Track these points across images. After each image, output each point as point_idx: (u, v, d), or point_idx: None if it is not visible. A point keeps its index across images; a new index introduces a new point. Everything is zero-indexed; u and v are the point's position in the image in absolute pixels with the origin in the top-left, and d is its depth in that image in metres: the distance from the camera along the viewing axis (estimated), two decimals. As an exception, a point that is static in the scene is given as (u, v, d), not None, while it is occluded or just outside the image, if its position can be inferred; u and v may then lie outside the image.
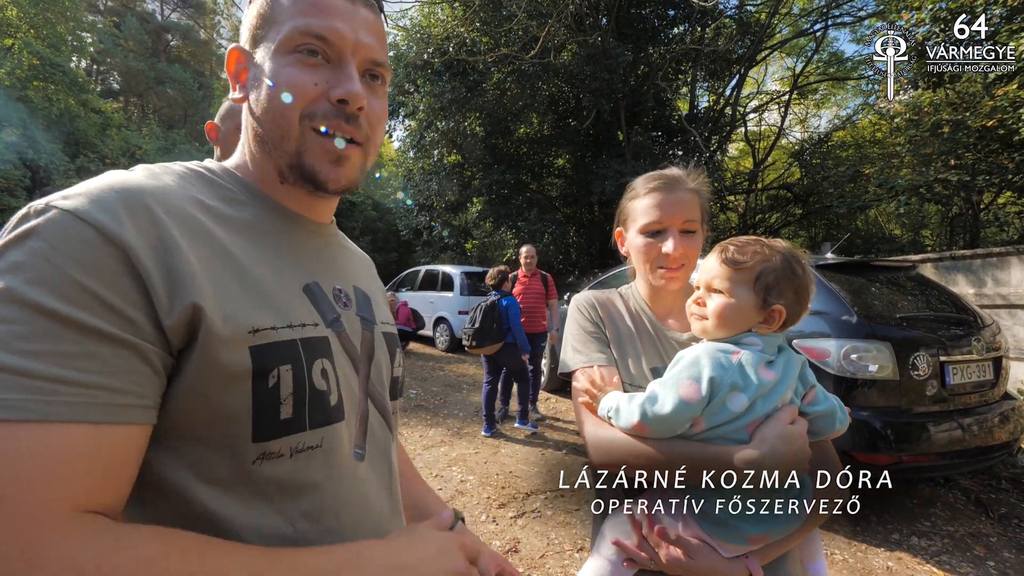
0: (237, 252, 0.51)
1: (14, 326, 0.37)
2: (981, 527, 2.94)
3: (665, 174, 0.99)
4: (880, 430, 2.61)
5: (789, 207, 14.25)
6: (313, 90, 0.54)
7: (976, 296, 5.33)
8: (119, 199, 0.43)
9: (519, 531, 2.89)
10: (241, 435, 0.47)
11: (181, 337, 0.43)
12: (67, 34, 15.60)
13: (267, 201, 0.59)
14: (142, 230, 0.43)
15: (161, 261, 0.43)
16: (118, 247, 0.41)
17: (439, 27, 11.30)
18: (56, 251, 0.39)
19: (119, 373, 0.40)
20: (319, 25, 0.53)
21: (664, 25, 12.06)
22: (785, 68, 17.41)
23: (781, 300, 0.79)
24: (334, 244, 0.68)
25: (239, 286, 0.48)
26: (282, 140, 0.55)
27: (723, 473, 0.75)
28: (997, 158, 6.48)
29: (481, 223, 13.70)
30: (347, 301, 0.63)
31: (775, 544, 0.81)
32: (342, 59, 0.55)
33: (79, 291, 0.39)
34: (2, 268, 0.38)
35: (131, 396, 0.40)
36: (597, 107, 10.62)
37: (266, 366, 0.47)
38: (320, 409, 0.52)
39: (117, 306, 0.40)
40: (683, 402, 0.75)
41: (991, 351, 3.05)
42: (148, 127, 19.55)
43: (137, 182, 0.47)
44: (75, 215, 0.41)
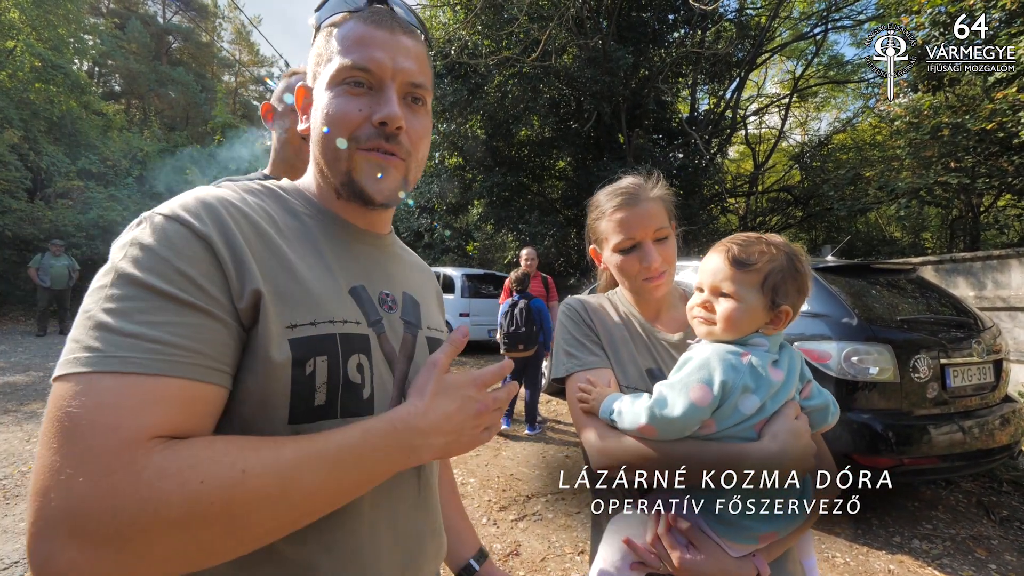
0: (291, 256, 0.58)
1: (134, 302, 0.47)
2: (983, 530, 2.94)
3: (624, 188, 0.98)
4: (881, 432, 2.61)
5: (789, 209, 14.27)
6: (358, 116, 0.62)
7: (976, 299, 5.33)
8: (201, 206, 0.54)
9: (520, 534, 2.89)
10: (279, 418, 0.53)
11: (249, 319, 0.52)
12: (69, 36, 15.63)
13: (328, 215, 0.67)
14: (218, 228, 0.53)
15: (232, 253, 0.52)
16: (204, 240, 0.51)
17: (441, 30, 11.33)
18: (161, 245, 0.50)
19: (209, 341, 0.49)
20: (361, 58, 0.61)
21: (664, 28, 12.09)
22: (785, 71, 17.47)
23: (788, 300, 0.79)
24: (389, 253, 0.75)
25: (286, 285, 0.56)
26: (336, 162, 0.64)
27: (732, 472, 0.74)
28: (997, 161, 6.50)
29: (482, 225, 13.73)
30: (392, 305, 0.69)
31: (779, 542, 0.81)
32: (383, 85, 0.63)
33: (178, 275, 0.49)
34: (124, 260, 0.49)
35: (215, 361, 0.49)
36: (598, 110, 10.65)
37: (303, 356, 0.54)
38: (352, 400, 0.58)
39: (206, 287, 0.50)
40: (694, 405, 0.74)
41: (991, 354, 3.06)
42: (150, 129, 19.58)
43: (215, 195, 0.57)
44: (172, 218, 0.52)
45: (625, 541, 0.83)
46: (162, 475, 0.42)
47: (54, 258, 9.65)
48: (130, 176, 15.72)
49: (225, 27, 30.91)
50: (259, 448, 0.47)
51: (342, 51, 0.62)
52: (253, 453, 0.47)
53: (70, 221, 12.52)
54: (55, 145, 13.98)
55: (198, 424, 0.49)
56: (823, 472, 0.86)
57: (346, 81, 0.62)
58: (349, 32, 0.63)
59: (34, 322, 10.16)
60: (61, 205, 12.99)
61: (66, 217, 12.56)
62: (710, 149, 11.66)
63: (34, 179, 12.95)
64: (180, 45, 27.72)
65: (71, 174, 13.73)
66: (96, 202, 13.36)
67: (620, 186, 0.99)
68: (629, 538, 0.83)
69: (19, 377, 6.17)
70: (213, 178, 1.32)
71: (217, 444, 0.47)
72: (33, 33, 13.90)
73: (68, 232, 12.11)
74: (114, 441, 0.42)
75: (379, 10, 0.66)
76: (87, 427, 0.42)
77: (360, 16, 0.64)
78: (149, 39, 23.47)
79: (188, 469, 0.43)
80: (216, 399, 0.50)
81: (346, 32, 0.63)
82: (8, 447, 3.91)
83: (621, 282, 1.02)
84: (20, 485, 3.28)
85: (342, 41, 0.63)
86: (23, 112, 13.04)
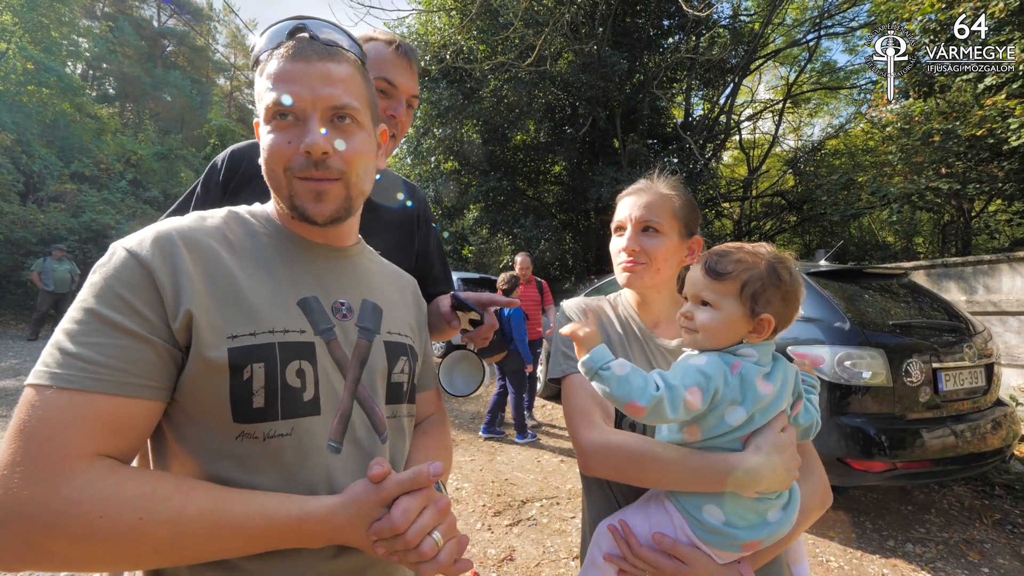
0: (239, 273, 0.65)
1: (78, 325, 0.55)
2: (975, 533, 2.96)
3: (642, 181, 1.02)
4: (874, 437, 2.62)
5: (783, 214, 14.36)
6: (288, 148, 0.66)
7: (967, 303, 5.37)
8: (153, 235, 0.62)
9: (515, 539, 2.88)
10: (224, 416, 0.60)
11: (184, 337, 0.59)
12: (62, 39, 15.55)
13: (285, 233, 0.74)
14: (162, 255, 0.60)
15: (172, 278, 0.59)
16: (146, 269, 0.58)
17: (436, 35, 11.36)
18: (111, 275, 0.58)
19: (134, 360, 0.56)
20: (280, 94, 0.66)
21: (659, 34, 12.18)
22: (779, 77, 17.63)
23: (769, 309, 0.77)
24: (351, 263, 0.79)
25: (230, 302, 0.62)
26: (279, 189, 0.70)
27: (716, 481, 0.74)
28: (987, 167, 6.56)
29: (478, 229, 13.72)
30: (347, 313, 0.73)
31: (765, 550, 0.81)
32: (305, 116, 0.67)
33: (120, 301, 0.57)
34: (86, 287, 0.58)
35: (139, 378, 0.56)
36: (593, 115, 10.70)
37: (241, 363, 0.59)
38: (293, 403, 0.63)
39: (143, 312, 0.57)
40: (686, 408, 0.74)
41: (983, 358, 3.08)
42: (144, 133, 19.49)
43: (174, 225, 0.64)
44: (126, 249, 0.60)
45: (606, 558, 0.84)
46: (72, 500, 0.49)
47: (57, 262, 9.65)
48: (124, 179, 15.62)
49: (220, 31, 30.88)
50: (170, 498, 0.53)
51: (269, 89, 0.67)
52: (161, 504, 0.53)
53: (63, 224, 12.42)
54: (48, 148, 13.87)
55: (128, 437, 0.56)
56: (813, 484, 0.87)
57: (274, 117, 0.67)
58: (271, 70, 0.67)
59: (27, 326, 10.06)
60: (54, 208, 12.89)
61: (59, 220, 12.46)
62: (704, 154, 11.73)
63: (26, 182, 12.85)
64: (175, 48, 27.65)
65: (64, 177, 13.63)
66: (89, 205, 13.26)
67: (644, 178, 1.04)
68: (609, 554, 0.84)
69: (9, 382, 6.11)
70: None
71: (132, 483, 0.53)
72: (26, 36, 13.82)
73: (60, 235, 12.01)
74: (45, 452, 0.50)
75: (299, 41, 0.69)
76: (28, 434, 0.50)
77: (280, 52, 0.68)
78: (143, 42, 23.38)
79: (97, 500, 0.50)
80: (146, 412, 0.57)
81: (269, 70, 0.67)
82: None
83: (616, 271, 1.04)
84: None
85: (268, 79, 0.67)
86: (16, 115, 12.94)
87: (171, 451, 0.62)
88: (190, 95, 23.29)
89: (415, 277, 1.41)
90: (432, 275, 1.43)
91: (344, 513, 0.59)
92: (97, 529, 0.49)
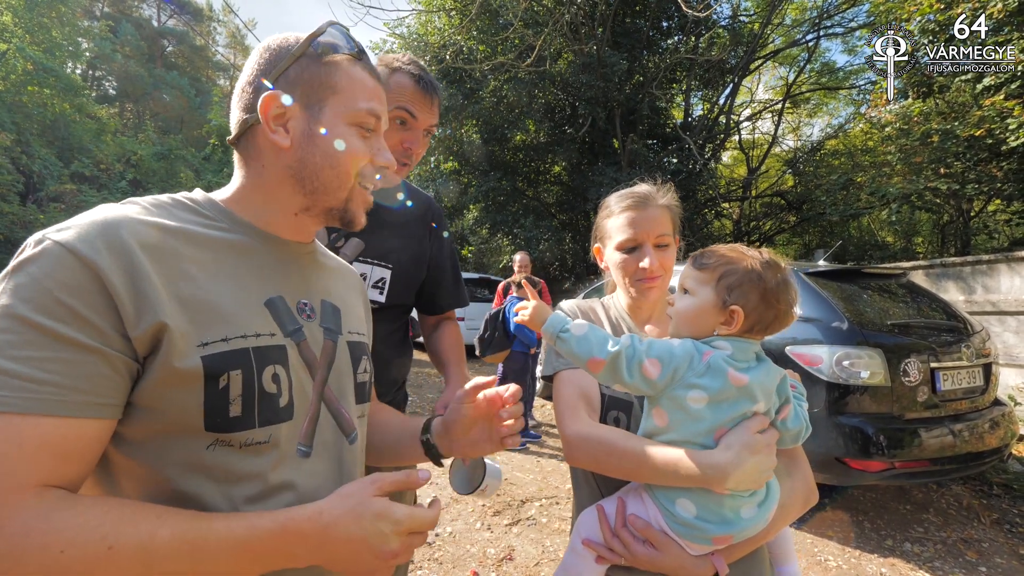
0: (200, 274, 0.59)
1: (7, 335, 0.47)
2: (973, 532, 2.96)
3: (636, 192, 1.03)
4: (872, 436, 2.63)
5: (783, 214, 14.36)
6: (366, 156, 0.69)
7: (966, 303, 5.38)
8: (99, 231, 0.53)
9: (514, 539, 2.88)
10: (195, 425, 0.55)
11: (146, 346, 0.53)
12: (62, 39, 15.55)
13: (247, 227, 0.68)
14: (115, 255, 0.52)
15: (131, 283, 0.52)
16: (92, 270, 0.50)
17: (436, 35, 11.37)
18: (45, 275, 0.49)
19: (85, 376, 0.49)
20: (378, 108, 0.70)
21: (659, 35, 12.20)
22: (778, 77, 17.64)
23: (741, 301, 0.79)
24: (309, 261, 0.75)
25: (196, 304, 0.57)
26: (337, 189, 0.68)
27: (686, 476, 0.77)
28: (986, 167, 6.58)
29: (478, 229, 13.73)
30: (311, 313, 0.71)
31: (740, 545, 0.83)
32: (379, 133, 0.72)
33: (60, 307, 0.48)
34: (6, 288, 0.49)
35: (92, 395, 0.49)
36: (593, 115, 10.70)
37: (217, 371, 0.55)
38: (270, 409, 0.60)
39: (89, 319, 0.49)
40: (643, 375, 0.78)
41: (981, 357, 3.09)
42: (144, 133, 19.50)
43: (119, 215, 0.56)
44: (62, 245, 0.50)
45: (584, 543, 0.87)
46: (26, 533, 0.44)
47: None
48: (123, 180, 15.63)
49: (220, 31, 30.89)
50: (137, 521, 0.48)
51: (361, 95, 0.67)
52: (129, 527, 0.47)
53: (62, 225, 12.40)
54: (48, 148, 13.89)
55: (77, 462, 0.50)
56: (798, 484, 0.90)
57: (363, 124, 0.68)
58: (359, 77, 0.68)
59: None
60: (54, 208, 12.90)
61: (58, 221, 12.35)
62: (704, 154, 11.74)
63: (26, 182, 12.86)
64: (175, 48, 27.65)
65: (64, 177, 13.64)
66: (89, 206, 13.08)
67: (633, 191, 1.04)
68: (588, 539, 0.87)
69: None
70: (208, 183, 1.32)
71: (93, 511, 0.47)
72: (26, 36, 13.83)
73: (60, 236, 11.99)
74: None
75: (369, 60, 0.72)
76: None
77: (363, 64, 0.69)
78: (143, 42, 23.39)
79: (53, 533, 0.44)
80: (96, 432, 0.51)
81: (356, 76, 0.68)
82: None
83: (618, 280, 1.05)
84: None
85: (353, 83, 0.67)
86: (16, 115, 12.96)
87: (120, 470, 0.56)
88: (190, 95, 23.30)
89: (426, 286, 1.42)
90: (444, 286, 1.45)
91: (338, 508, 0.57)
92: (60, 564, 0.44)
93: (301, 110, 0.66)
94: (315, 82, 0.66)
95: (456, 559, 2.64)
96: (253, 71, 0.67)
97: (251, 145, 0.68)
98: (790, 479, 0.90)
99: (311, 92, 0.66)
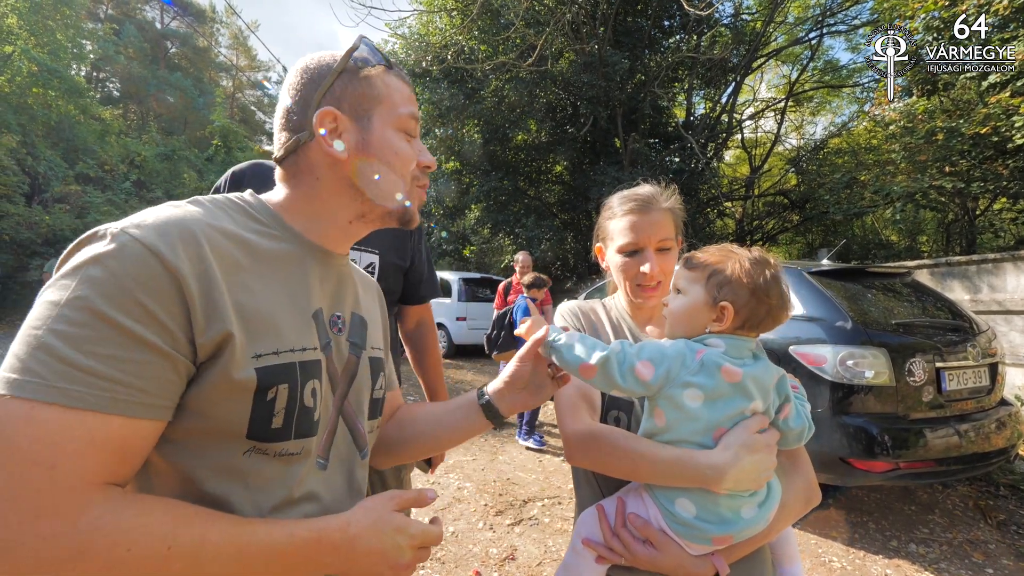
0: (259, 285, 0.60)
1: (84, 330, 0.47)
2: (979, 534, 2.94)
3: (640, 195, 1.02)
4: (877, 436, 2.61)
5: (786, 213, 14.31)
6: (413, 158, 0.73)
7: (972, 302, 5.35)
8: (178, 234, 0.54)
9: (516, 539, 2.88)
10: (237, 432, 0.56)
11: (208, 353, 0.54)
12: (67, 41, 15.63)
13: (297, 237, 0.70)
14: (192, 262, 0.53)
15: (203, 290, 0.53)
16: (173, 275, 0.51)
17: (437, 35, 11.38)
18: (125, 272, 0.49)
19: (153, 378, 0.50)
20: (416, 112, 0.75)
21: (660, 33, 12.16)
22: (781, 76, 17.57)
23: (731, 297, 0.80)
24: (343, 272, 0.77)
25: (251, 314, 0.58)
26: (396, 192, 0.72)
27: (684, 476, 0.77)
28: (991, 165, 6.53)
29: (479, 229, 13.74)
30: (341, 327, 0.72)
31: (740, 545, 0.82)
32: (417, 135, 0.75)
33: (139, 308, 0.49)
34: (82, 280, 0.48)
35: (158, 398, 0.51)
36: (594, 114, 10.69)
37: (267, 384, 0.57)
38: (306, 422, 0.61)
39: (165, 323, 0.50)
40: (636, 378, 0.78)
41: (987, 357, 3.06)
42: (148, 134, 19.59)
43: (192, 217, 0.58)
44: (145, 246, 0.51)
45: (584, 542, 0.87)
46: (95, 532, 0.45)
47: None
48: (127, 180, 15.71)
49: (222, 32, 31.00)
50: (192, 525, 0.50)
51: (402, 102, 0.72)
52: (185, 531, 0.49)
53: (67, 226, 12.50)
54: (53, 150, 13.97)
55: (132, 462, 0.51)
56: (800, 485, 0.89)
57: (408, 129, 0.73)
58: (396, 85, 0.72)
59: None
60: (59, 210, 12.97)
61: (63, 222, 12.54)
62: (706, 153, 11.70)
63: (32, 183, 12.92)
64: (178, 50, 27.76)
65: (69, 178, 13.71)
66: (94, 207, 13.34)
67: (636, 192, 1.03)
68: (588, 539, 0.87)
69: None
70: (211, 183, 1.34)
71: (155, 512, 0.49)
72: (31, 38, 13.91)
73: (65, 237, 12.09)
74: (50, 482, 0.44)
75: (399, 68, 0.77)
76: (24, 460, 0.43)
77: (395, 72, 0.74)
78: (146, 44, 23.49)
79: (121, 531, 0.46)
80: (151, 433, 0.52)
81: (393, 84, 0.72)
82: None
83: (618, 282, 1.05)
84: None
85: (392, 91, 0.71)
86: (21, 116, 13.03)
87: (154, 468, 0.57)
88: (193, 96, 23.39)
89: (408, 283, 1.52)
90: (424, 275, 1.57)
91: (363, 520, 0.60)
92: (124, 563, 0.45)
93: (352, 122, 0.69)
94: (359, 94, 0.69)
95: (459, 559, 2.64)
96: (296, 92, 0.69)
97: (301, 161, 0.70)
98: (792, 479, 0.90)
99: (358, 104, 0.69)
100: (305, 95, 0.68)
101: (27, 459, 0.43)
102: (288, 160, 0.70)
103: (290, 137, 0.69)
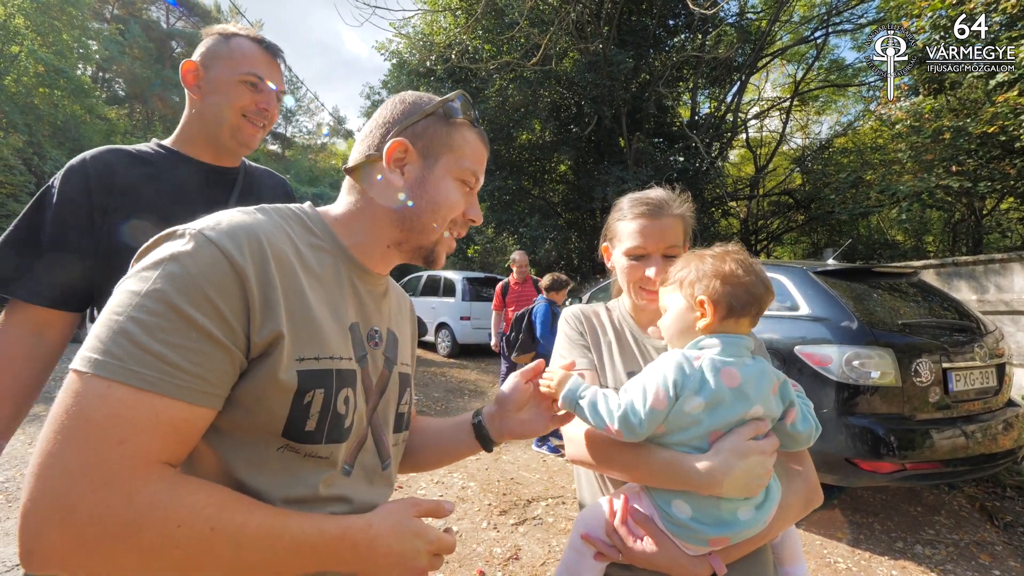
0: (309, 293, 0.65)
1: (159, 319, 0.51)
2: (986, 535, 2.92)
3: (652, 199, 1.01)
4: (883, 437, 2.59)
5: (791, 213, 14.25)
6: (461, 209, 0.77)
7: (979, 302, 5.31)
8: (246, 238, 0.59)
9: (520, 538, 2.88)
10: (274, 430, 0.60)
11: (260, 350, 0.58)
12: (73, 42, 15.73)
13: (344, 252, 0.75)
14: (256, 264, 0.58)
15: (263, 291, 0.58)
16: (239, 275, 0.56)
17: (441, 35, 11.39)
18: (199, 271, 0.54)
19: (213, 368, 0.54)
20: (480, 171, 0.79)
21: (665, 33, 12.13)
22: (786, 75, 17.50)
23: (707, 292, 0.82)
24: (382, 290, 0.82)
25: (299, 319, 0.62)
26: (431, 232, 0.76)
27: (676, 479, 0.78)
28: (999, 164, 6.48)
29: (483, 228, 13.74)
30: (378, 341, 0.77)
31: (739, 545, 0.82)
32: (475, 192, 0.81)
33: (208, 304, 0.54)
34: (162, 274, 0.53)
35: (216, 387, 0.55)
36: (599, 114, 10.68)
37: (306, 387, 0.60)
38: (337, 429, 0.65)
39: (228, 319, 0.55)
40: (652, 410, 0.78)
41: (994, 358, 3.04)
42: (153, 133, 19.68)
43: (259, 223, 0.63)
44: (218, 248, 0.56)
45: (583, 537, 0.88)
46: (151, 506, 0.48)
47: None
48: (133, 180, 15.77)
49: (228, 32, 31.07)
50: (234, 510, 0.53)
51: (471, 158, 0.77)
52: (228, 515, 0.52)
53: (73, 225, 12.55)
54: (59, 149, 14.04)
55: (187, 445, 0.55)
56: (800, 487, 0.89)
57: (466, 182, 0.77)
58: (472, 141, 0.77)
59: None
60: (64, 209, 13.03)
61: (69, 221, 12.58)
62: (711, 153, 11.67)
63: (38, 183, 13.01)
64: (183, 50, 27.87)
65: (74, 178, 13.76)
66: (99, 206, 13.39)
67: (648, 195, 1.03)
68: (587, 534, 0.88)
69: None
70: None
71: (201, 493, 0.52)
72: (38, 39, 14.00)
73: (71, 236, 12.14)
74: (118, 455, 0.48)
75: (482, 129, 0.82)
76: (98, 433, 0.48)
77: (478, 131, 0.79)
78: (151, 44, 23.60)
79: (173, 508, 0.49)
80: (205, 420, 0.56)
81: (470, 139, 0.77)
82: (11, 450, 3.91)
83: (622, 283, 1.06)
84: (23, 489, 3.28)
85: (467, 145, 0.77)
86: (27, 116, 13.12)
87: (201, 457, 0.61)
88: (198, 96, 23.44)
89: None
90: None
91: (384, 522, 0.63)
92: (173, 538, 0.49)
93: (419, 158, 0.74)
94: (437, 138, 0.75)
95: (462, 558, 2.65)
96: (386, 118, 0.76)
97: (365, 176, 0.75)
98: (792, 479, 0.89)
99: (431, 145, 0.75)
100: (392, 121, 0.75)
101: (101, 433, 0.48)
102: (356, 171, 0.76)
103: (365, 152, 0.75)
